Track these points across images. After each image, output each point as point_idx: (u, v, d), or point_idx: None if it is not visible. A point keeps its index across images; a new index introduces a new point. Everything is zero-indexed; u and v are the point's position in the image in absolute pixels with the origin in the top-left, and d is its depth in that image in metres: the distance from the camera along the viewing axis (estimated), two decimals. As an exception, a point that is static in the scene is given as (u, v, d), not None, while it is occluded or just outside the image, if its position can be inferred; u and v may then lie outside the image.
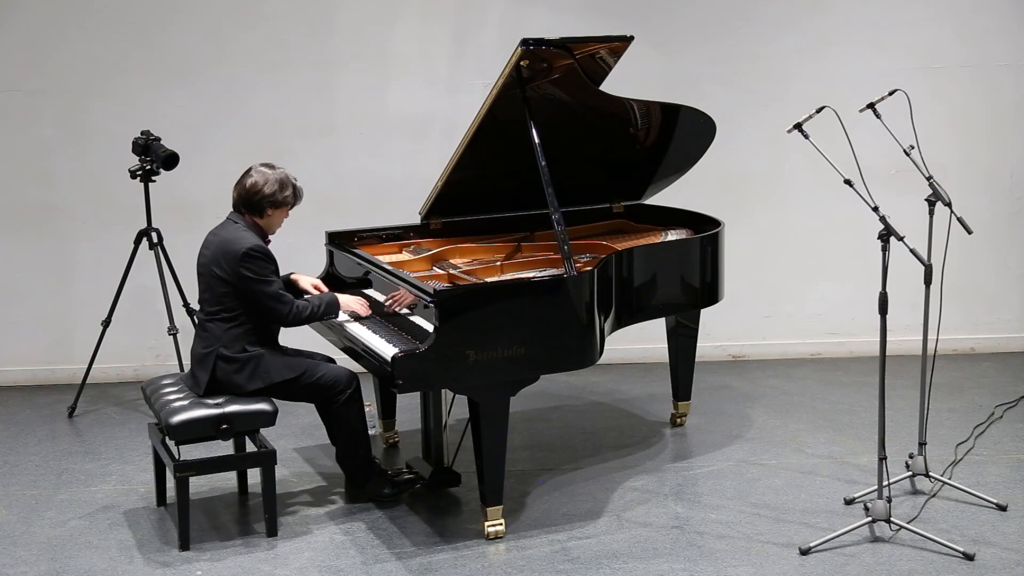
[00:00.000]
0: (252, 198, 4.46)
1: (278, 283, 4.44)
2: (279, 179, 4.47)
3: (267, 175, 4.46)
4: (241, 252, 4.35)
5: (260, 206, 4.47)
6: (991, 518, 4.42)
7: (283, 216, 4.55)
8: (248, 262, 4.35)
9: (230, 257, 4.37)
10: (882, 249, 4.06)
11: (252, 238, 4.42)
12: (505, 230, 5.39)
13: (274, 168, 4.51)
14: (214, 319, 4.44)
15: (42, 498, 4.86)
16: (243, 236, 4.41)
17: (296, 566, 4.17)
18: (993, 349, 6.73)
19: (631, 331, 5.15)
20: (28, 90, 6.27)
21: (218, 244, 4.44)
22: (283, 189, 4.47)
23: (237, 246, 4.37)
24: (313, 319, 4.53)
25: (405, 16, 6.40)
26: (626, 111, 5.11)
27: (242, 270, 4.35)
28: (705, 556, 4.17)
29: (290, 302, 4.44)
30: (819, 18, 6.48)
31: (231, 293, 4.39)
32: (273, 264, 4.42)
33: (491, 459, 4.27)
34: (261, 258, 4.38)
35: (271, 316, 4.43)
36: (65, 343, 6.47)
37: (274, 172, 4.49)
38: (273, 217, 4.51)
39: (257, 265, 4.36)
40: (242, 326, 4.42)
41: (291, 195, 4.51)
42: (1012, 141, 6.62)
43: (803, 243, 6.62)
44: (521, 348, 4.21)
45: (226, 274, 4.38)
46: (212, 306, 4.45)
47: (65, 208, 6.35)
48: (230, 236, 4.43)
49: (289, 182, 4.50)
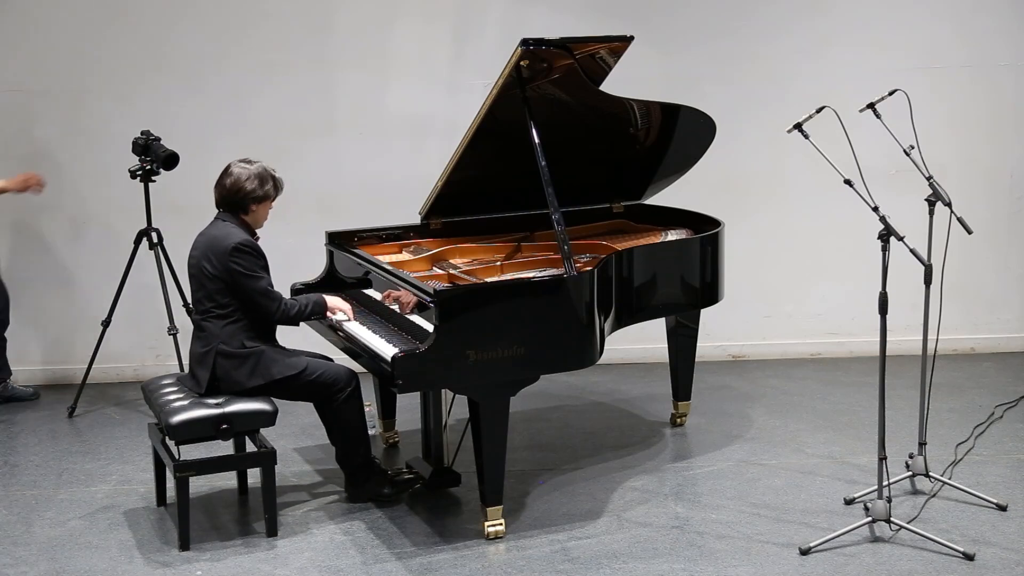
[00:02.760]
0: (234, 196, 4.47)
1: (267, 279, 4.44)
2: (258, 174, 4.48)
3: (246, 171, 4.47)
4: (230, 247, 4.36)
5: (243, 203, 4.47)
6: (991, 518, 4.42)
7: (267, 209, 4.56)
8: (237, 256, 4.36)
9: (219, 252, 4.38)
10: (882, 249, 4.06)
11: (241, 234, 4.43)
12: (505, 230, 5.39)
13: (251, 163, 4.51)
14: (209, 317, 4.44)
15: (42, 498, 4.86)
16: (231, 232, 4.42)
17: (296, 566, 4.17)
18: (993, 349, 6.73)
19: (631, 331, 5.15)
20: (28, 90, 6.27)
21: (206, 241, 4.46)
22: (263, 183, 4.48)
23: (226, 242, 4.38)
24: (301, 318, 4.53)
25: (405, 16, 6.40)
26: (626, 111, 5.11)
27: (231, 264, 4.36)
28: (705, 556, 4.18)
29: (278, 299, 4.44)
30: (819, 18, 6.48)
31: (223, 289, 4.40)
32: (262, 259, 4.43)
33: (491, 459, 4.27)
34: (250, 253, 4.38)
35: (260, 312, 4.43)
36: (65, 343, 6.47)
37: (252, 167, 4.49)
38: (258, 212, 4.52)
39: (246, 259, 4.37)
40: (238, 322, 4.42)
41: (272, 187, 4.51)
42: (1012, 141, 6.62)
43: (803, 243, 6.62)
44: (521, 348, 4.21)
45: (216, 270, 4.39)
46: (206, 303, 4.46)
47: (65, 208, 6.35)
48: (218, 233, 4.44)
49: (268, 175, 4.50)
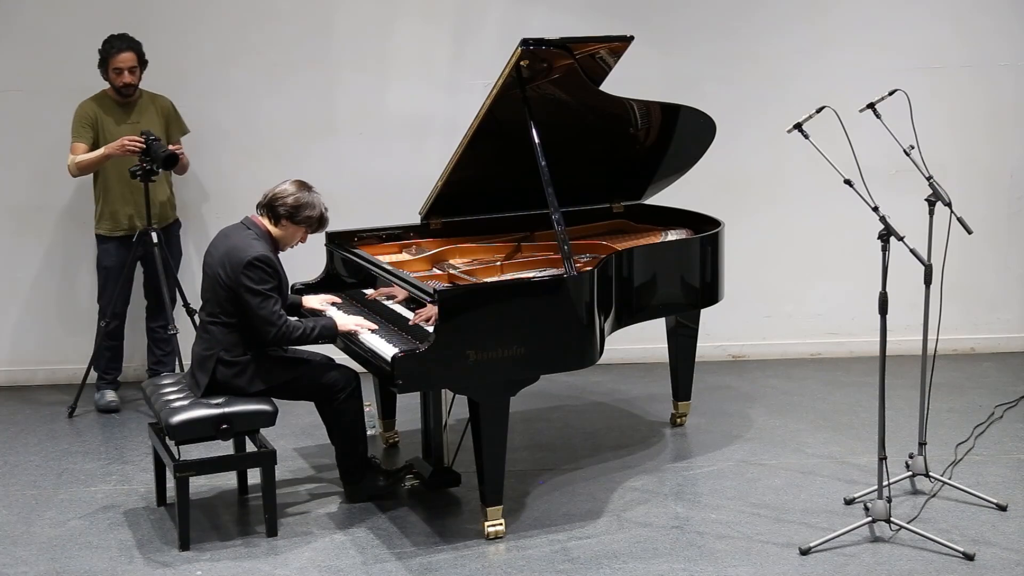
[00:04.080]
0: (274, 201, 4.45)
1: (275, 300, 4.34)
2: (308, 200, 4.45)
3: (300, 191, 4.44)
4: (246, 260, 4.31)
5: (277, 212, 4.44)
6: (991, 518, 4.42)
7: (298, 234, 4.51)
8: (250, 271, 4.30)
9: (235, 263, 4.33)
10: (882, 249, 4.06)
11: (261, 248, 4.37)
12: (505, 230, 5.39)
13: (311, 191, 4.48)
14: (215, 322, 4.42)
15: (42, 498, 4.86)
16: (252, 244, 4.37)
17: (296, 566, 4.17)
18: (993, 349, 6.73)
19: (631, 331, 5.15)
20: (28, 90, 6.27)
21: (226, 248, 4.41)
22: (307, 209, 4.44)
23: (244, 254, 4.33)
24: (305, 341, 4.43)
25: (405, 17, 6.40)
26: (626, 111, 5.11)
27: (242, 278, 4.31)
28: (705, 556, 4.18)
29: (280, 325, 4.33)
30: (819, 18, 6.47)
31: (232, 298, 4.37)
32: (275, 279, 4.36)
33: (491, 459, 4.27)
34: (263, 268, 4.32)
35: (257, 331, 4.36)
36: (65, 343, 6.47)
37: (309, 193, 4.46)
38: (287, 231, 4.47)
39: (257, 275, 4.31)
40: (242, 331, 4.40)
41: (314, 218, 4.47)
42: (1012, 141, 6.61)
43: (803, 243, 6.62)
44: (521, 348, 4.21)
45: (228, 279, 4.35)
46: (214, 308, 4.44)
47: (65, 208, 6.35)
48: (240, 243, 4.39)
49: (318, 206, 4.47)
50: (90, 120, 5.76)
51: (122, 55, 5.69)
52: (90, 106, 5.79)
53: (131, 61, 5.72)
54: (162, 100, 5.92)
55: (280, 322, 4.35)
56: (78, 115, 5.79)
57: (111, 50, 5.69)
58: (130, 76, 5.73)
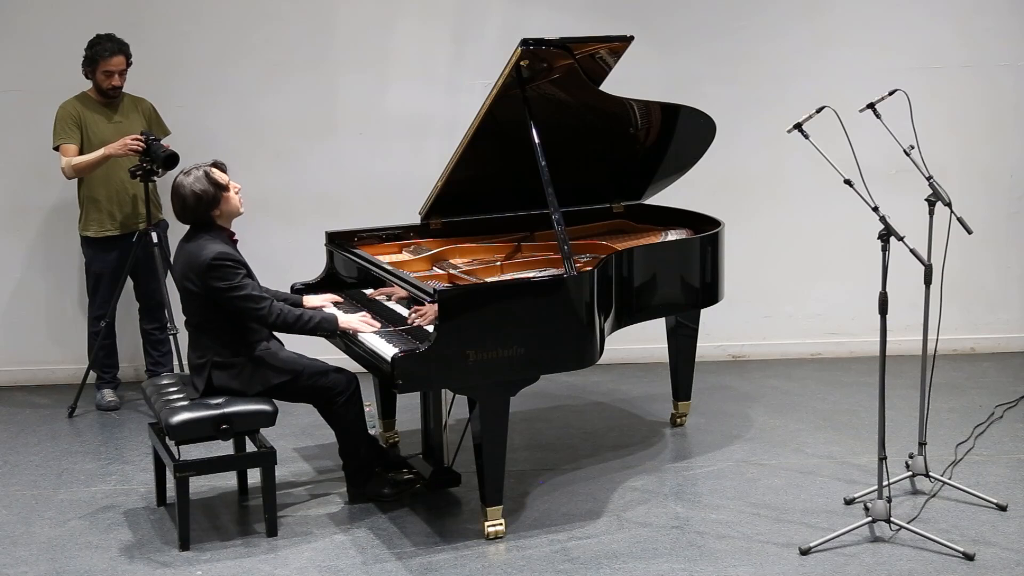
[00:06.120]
0: (193, 214, 4.39)
1: (250, 284, 4.35)
2: (193, 184, 4.34)
3: (184, 186, 4.35)
4: (206, 264, 4.28)
5: (204, 215, 4.39)
6: (991, 518, 4.42)
7: (230, 201, 4.43)
8: (215, 272, 4.28)
9: (197, 270, 4.31)
10: (882, 249, 4.06)
11: (215, 246, 4.33)
12: (505, 230, 5.39)
13: (188, 174, 4.38)
14: (203, 329, 4.42)
15: (42, 498, 4.86)
16: (205, 246, 4.33)
17: (296, 566, 4.17)
18: (993, 349, 6.73)
19: (631, 331, 5.15)
20: (28, 90, 6.27)
21: (185, 258, 4.39)
22: (206, 186, 4.36)
23: (201, 258, 4.30)
24: (303, 330, 4.42)
25: (405, 17, 6.40)
26: (626, 111, 5.11)
27: (211, 282, 4.29)
28: (705, 556, 4.18)
29: (268, 301, 4.34)
30: (819, 18, 6.48)
31: (209, 304, 4.36)
32: (241, 268, 4.34)
33: (491, 459, 4.27)
34: (227, 265, 4.30)
35: (251, 318, 4.36)
36: (65, 343, 6.47)
37: (187, 179, 4.36)
38: (223, 209, 4.42)
39: (223, 273, 4.29)
40: (230, 333, 4.40)
41: (216, 182, 4.36)
42: (1012, 141, 6.62)
43: (803, 243, 6.62)
44: (521, 348, 4.21)
45: (198, 287, 4.33)
46: (197, 317, 4.43)
47: (65, 208, 6.35)
48: (193, 248, 4.36)
49: (203, 175, 4.36)
50: (76, 120, 5.72)
51: (114, 59, 5.67)
52: (74, 106, 5.76)
53: (122, 64, 5.71)
54: (144, 103, 5.89)
55: (265, 301, 4.34)
56: (62, 116, 5.74)
57: (103, 52, 5.65)
58: (119, 79, 5.72)
